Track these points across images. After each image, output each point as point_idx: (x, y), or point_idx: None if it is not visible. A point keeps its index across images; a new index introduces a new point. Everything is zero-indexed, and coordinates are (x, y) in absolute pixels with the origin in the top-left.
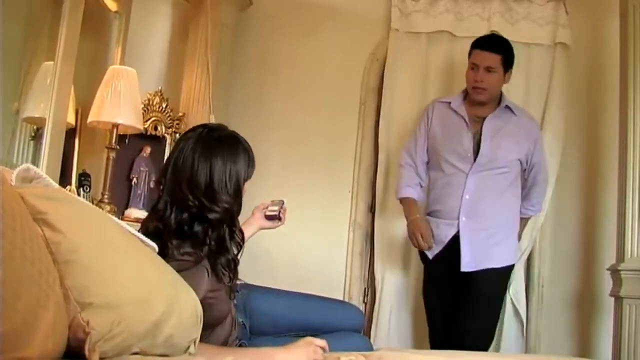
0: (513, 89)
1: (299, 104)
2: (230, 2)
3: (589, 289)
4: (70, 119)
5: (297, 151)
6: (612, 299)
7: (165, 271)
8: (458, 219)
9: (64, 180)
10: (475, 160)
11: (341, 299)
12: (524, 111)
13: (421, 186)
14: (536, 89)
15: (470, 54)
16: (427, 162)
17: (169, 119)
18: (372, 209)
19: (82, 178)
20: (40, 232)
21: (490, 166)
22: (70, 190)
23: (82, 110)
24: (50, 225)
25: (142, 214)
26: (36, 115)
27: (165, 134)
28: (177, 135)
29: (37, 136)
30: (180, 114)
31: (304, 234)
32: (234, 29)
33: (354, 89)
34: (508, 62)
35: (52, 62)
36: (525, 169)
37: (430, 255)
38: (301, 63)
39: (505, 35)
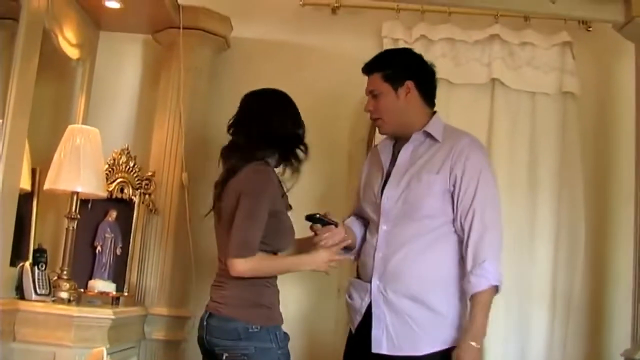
0: (518, 141)
1: None
2: (205, 45)
3: None
4: (25, 184)
5: None
6: None
7: None
8: (370, 281)
9: (18, 256)
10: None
11: None
12: (455, 135)
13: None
14: (544, 143)
15: None
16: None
17: (137, 179)
18: None
19: (37, 255)
20: None
21: (402, 213)
22: (24, 268)
23: (42, 170)
24: None
25: (107, 286)
26: None
27: (133, 197)
28: (147, 197)
29: None
30: (150, 173)
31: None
32: (210, 74)
33: (341, 140)
34: (393, 75)
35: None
36: (454, 219)
37: (352, 326)
38: None
39: (508, 84)
